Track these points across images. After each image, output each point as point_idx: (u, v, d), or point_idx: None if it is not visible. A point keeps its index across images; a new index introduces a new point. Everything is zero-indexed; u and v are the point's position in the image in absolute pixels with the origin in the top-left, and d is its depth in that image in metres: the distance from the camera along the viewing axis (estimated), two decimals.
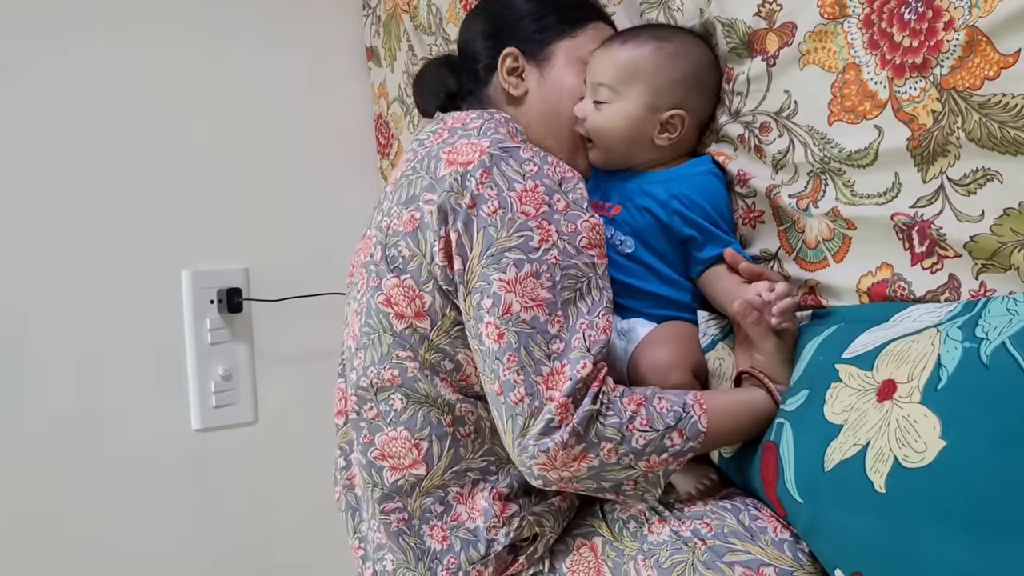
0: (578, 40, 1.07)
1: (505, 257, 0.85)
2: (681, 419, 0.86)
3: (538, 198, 0.87)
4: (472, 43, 1.12)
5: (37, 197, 1.50)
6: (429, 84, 1.13)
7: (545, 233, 0.86)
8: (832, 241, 0.93)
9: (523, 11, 1.09)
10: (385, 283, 0.92)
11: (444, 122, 1.01)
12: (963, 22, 0.77)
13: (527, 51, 1.07)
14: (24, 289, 1.48)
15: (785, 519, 0.86)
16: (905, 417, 0.71)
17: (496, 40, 1.08)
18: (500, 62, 1.07)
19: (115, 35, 1.59)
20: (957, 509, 0.65)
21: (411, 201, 0.92)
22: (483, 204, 0.86)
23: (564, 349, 0.84)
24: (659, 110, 1.01)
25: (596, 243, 0.91)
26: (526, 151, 0.91)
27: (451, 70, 1.12)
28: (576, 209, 0.90)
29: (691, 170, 1.03)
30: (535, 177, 0.88)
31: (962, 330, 0.72)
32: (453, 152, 0.91)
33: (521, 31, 1.08)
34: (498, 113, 1.02)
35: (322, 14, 1.88)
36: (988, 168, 0.78)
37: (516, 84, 1.07)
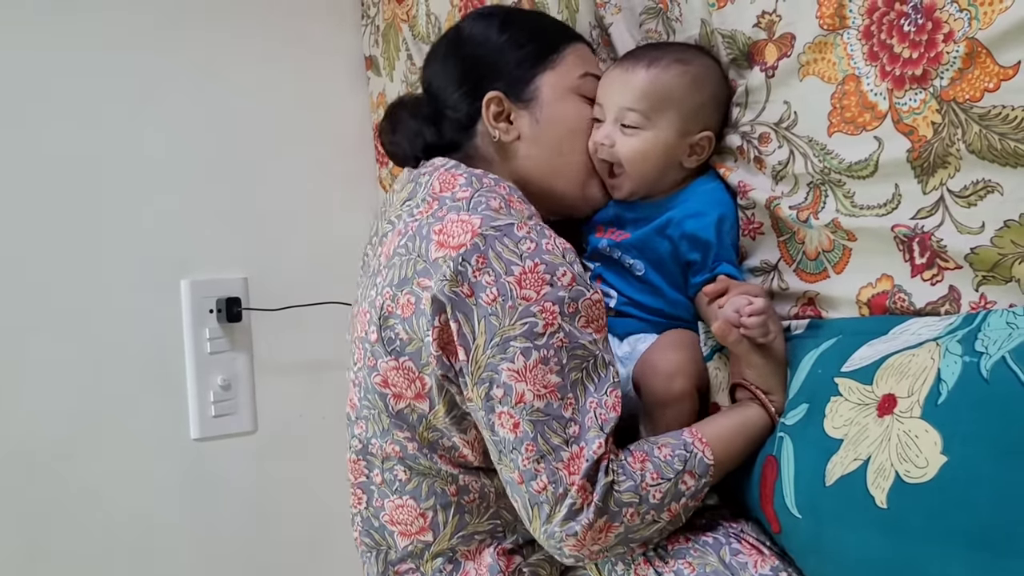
0: (561, 69, 1.02)
1: (511, 346, 0.82)
2: (687, 460, 0.87)
3: (538, 279, 0.84)
4: (445, 90, 1.04)
5: (36, 207, 1.50)
6: (404, 133, 1.05)
7: (549, 316, 0.83)
8: (832, 252, 0.93)
9: (496, 49, 1.02)
10: (381, 364, 0.90)
11: (432, 187, 0.94)
12: (963, 34, 0.77)
13: (510, 92, 1.01)
14: (23, 298, 1.47)
15: (777, 535, 0.86)
16: (906, 432, 0.71)
17: (473, 84, 1.02)
18: (484, 108, 1.00)
19: (116, 45, 1.59)
20: (960, 526, 0.65)
21: (405, 283, 0.88)
22: (481, 292, 0.83)
23: (579, 432, 0.83)
24: (689, 134, 1.01)
25: (598, 319, 0.88)
26: (520, 227, 0.86)
27: (427, 120, 1.04)
28: (580, 284, 0.86)
29: (701, 187, 1.03)
30: (533, 256, 0.84)
31: (962, 344, 0.72)
32: (444, 232, 0.86)
33: (499, 72, 1.01)
34: (487, 176, 0.95)
35: (321, 24, 1.88)
36: (988, 180, 0.77)
37: (506, 129, 1.01)
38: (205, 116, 1.68)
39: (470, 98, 1.01)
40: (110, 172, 1.56)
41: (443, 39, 1.09)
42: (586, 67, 1.05)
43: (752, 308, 0.90)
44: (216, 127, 1.69)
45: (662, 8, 1.10)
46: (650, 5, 1.11)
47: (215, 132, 1.69)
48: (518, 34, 1.03)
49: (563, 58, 1.02)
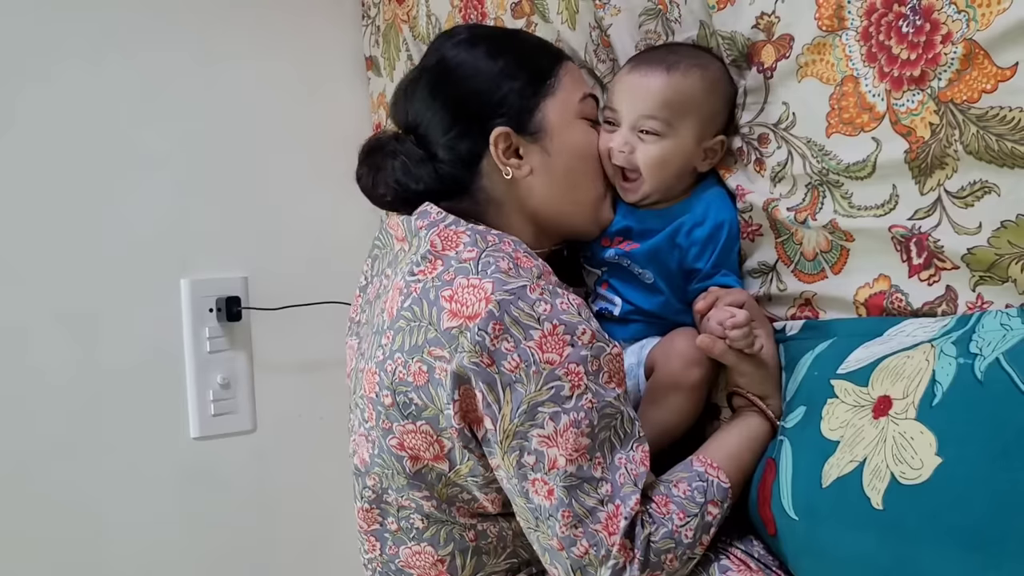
0: (561, 95, 0.97)
1: (540, 412, 0.80)
2: (706, 491, 0.87)
3: (559, 340, 0.81)
4: (437, 129, 0.95)
5: (36, 205, 1.50)
6: (390, 178, 0.96)
7: (575, 378, 0.81)
8: (830, 253, 0.93)
9: (492, 81, 0.95)
10: (397, 427, 0.87)
11: (432, 243, 0.89)
12: (961, 35, 0.77)
13: (516, 126, 0.94)
14: (23, 297, 1.48)
15: (772, 537, 0.86)
16: (901, 434, 0.71)
17: (471, 121, 0.94)
18: (493, 146, 0.94)
19: (114, 44, 1.59)
20: (955, 526, 0.65)
21: (416, 351, 0.84)
22: (503, 360, 0.80)
23: (612, 491, 0.82)
24: (705, 139, 1.00)
25: (619, 372, 0.87)
26: (533, 289, 0.82)
27: (420, 163, 0.95)
28: (600, 341, 0.84)
29: (705, 193, 1.03)
30: (550, 317, 0.81)
31: (956, 346, 0.72)
32: (455, 300, 0.82)
33: (500, 105, 0.95)
34: (490, 233, 0.89)
35: (321, 24, 1.88)
36: (986, 181, 0.78)
37: (518, 165, 0.95)
38: (206, 116, 1.68)
39: (470, 136, 0.94)
40: (110, 170, 1.57)
41: (423, 72, 0.99)
42: (582, 87, 1.01)
43: (733, 321, 0.90)
44: (217, 127, 1.69)
45: (661, 9, 1.10)
46: (649, 6, 1.11)
47: (216, 132, 1.69)
48: (511, 61, 0.96)
49: (560, 81, 0.98)
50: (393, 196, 0.97)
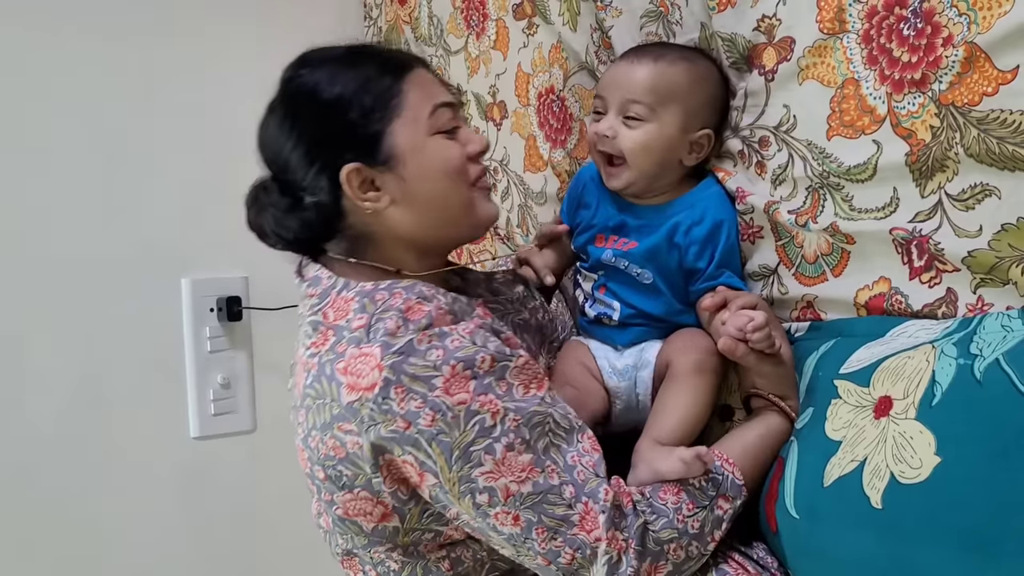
0: (408, 114, 0.90)
1: (473, 452, 0.80)
2: (720, 484, 0.86)
3: (462, 379, 0.80)
4: (296, 171, 0.91)
5: (36, 204, 1.50)
6: (269, 224, 0.94)
7: (492, 406, 0.81)
8: (831, 256, 0.93)
9: (333, 111, 0.89)
10: (337, 498, 0.87)
11: (325, 314, 0.88)
12: (962, 38, 0.77)
13: (365, 158, 0.89)
14: (24, 297, 1.48)
15: (774, 535, 0.87)
16: (901, 433, 0.72)
17: (322, 163, 0.89)
18: (346, 184, 0.89)
19: (114, 42, 1.59)
20: (953, 526, 0.65)
21: (327, 428, 0.84)
22: (417, 419, 0.79)
23: (576, 491, 0.81)
24: (690, 131, 1.01)
25: (534, 375, 0.86)
26: (420, 340, 0.81)
27: (288, 211, 0.92)
28: (502, 359, 0.83)
29: (704, 193, 1.04)
30: (446, 360, 0.80)
31: (957, 347, 0.73)
32: (350, 372, 0.82)
33: (345, 138, 0.89)
34: (379, 291, 0.87)
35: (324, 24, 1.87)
36: (986, 184, 0.78)
37: (376, 198, 0.90)
38: (206, 115, 1.69)
39: (325, 176, 0.89)
40: (110, 169, 1.57)
41: (272, 109, 0.94)
42: (432, 98, 0.93)
43: (754, 324, 0.89)
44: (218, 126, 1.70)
45: (662, 11, 1.10)
46: (650, 8, 1.12)
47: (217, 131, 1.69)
48: (350, 89, 0.90)
49: (405, 99, 0.90)
50: (277, 243, 0.96)
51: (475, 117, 1.58)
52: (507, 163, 1.50)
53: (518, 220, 1.50)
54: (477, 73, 1.55)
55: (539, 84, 1.38)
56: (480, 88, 1.55)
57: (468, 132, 0.97)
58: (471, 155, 0.95)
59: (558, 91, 1.34)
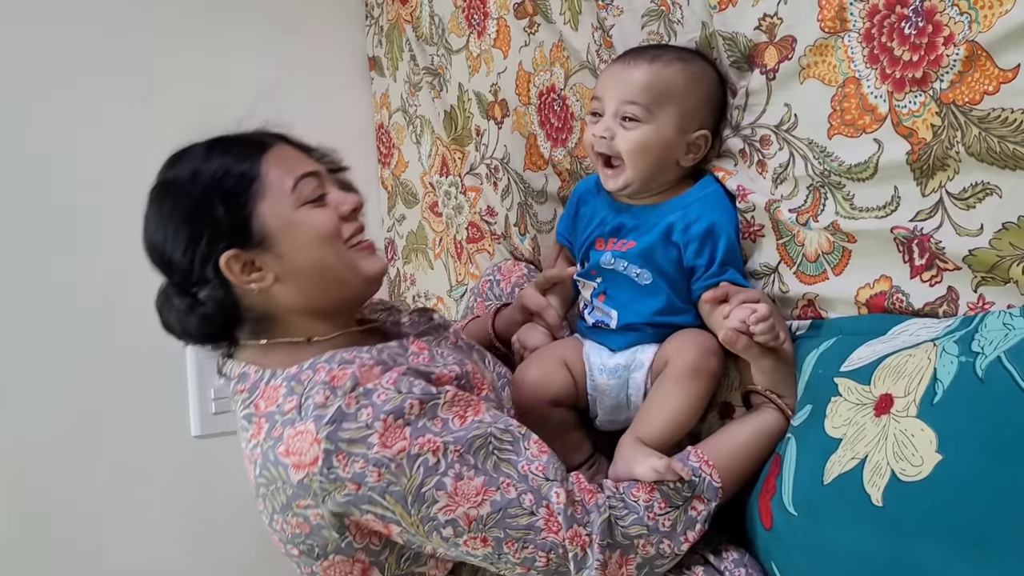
0: (270, 194, 0.92)
1: (426, 492, 0.82)
2: (696, 486, 0.89)
3: (396, 429, 0.82)
4: (180, 272, 0.93)
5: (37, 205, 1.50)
6: (180, 330, 0.97)
7: (431, 445, 0.83)
8: (832, 254, 0.93)
9: (201, 205, 0.91)
10: (317, 567, 0.89)
11: (257, 405, 0.90)
12: (963, 37, 0.77)
13: (239, 244, 0.91)
14: (24, 295, 1.48)
15: (768, 531, 0.87)
16: (902, 431, 0.72)
17: (202, 258, 0.90)
18: (228, 273, 0.90)
19: (116, 42, 1.59)
20: (954, 523, 0.65)
21: (286, 509, 0.86)
22: (365, 478, 0.81)
23: (535, 498, 0.84)
24: (687, 132, 1.01)
25: (466, 402, 0.88)
26: (349, 403, 0.83)
27: (188, 311, 0.94)
28: (429, 400, 0.85)
29: (702, 192, 1.04)
30: (377, 416, 0.82)
31: (958, 344, 0.73)
32: (292, 452, 0.84)
33: (216, 228, 0.90)
34: (303, 370, 0.88)
35: (325, 24, 1.88)
36: (987, 182, 0.78)
37: (261, 278, 0.92)
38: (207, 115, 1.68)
39: (208, 268, 0.91)
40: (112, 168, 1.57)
41: (147, 212, 0.96)
42: (293, 171, 0.94)
43: (757, 316, 0.90)
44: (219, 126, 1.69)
45: (664, 10, 1.10)
46: (652, 7, 1.12)
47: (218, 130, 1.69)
48: (211, 180, 0.92)
49: (266, 180, 0.92)
50: (191, 342, 0.99)
51: (476, 116, 1.58)
52: (508, 162, 1.50)
53: (516, 218, 1.50)
54: (478, 72, 1.55)
55: (540, 83, 1.38)
56: (481, 87, 1.55)
57: (337, 194, 0.98)
58: (343, 215, 0.96)
59: (559, 90, 1.34)
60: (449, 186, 1.72)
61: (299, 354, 0.92)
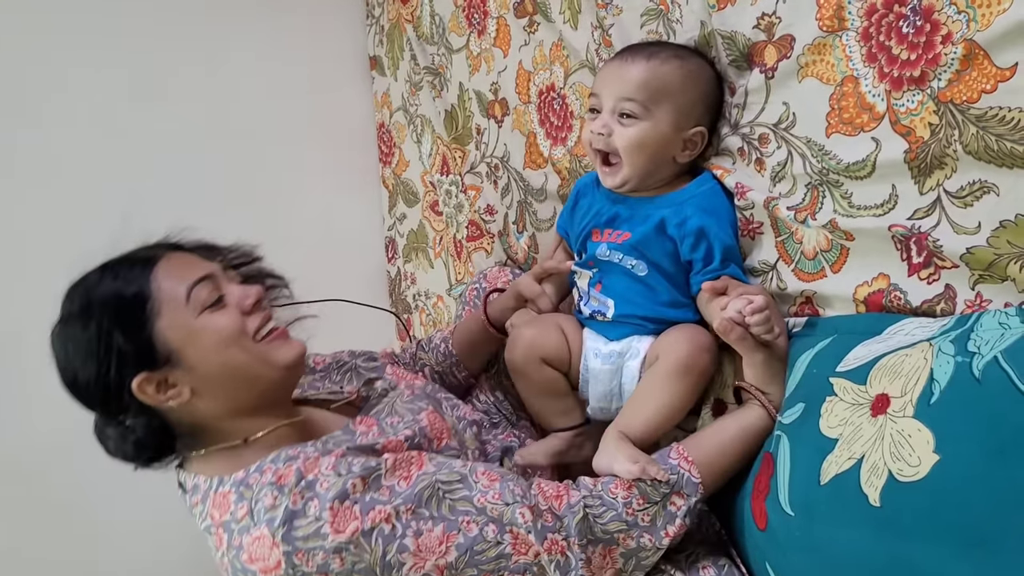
0: (165, 311, 0.90)
1: (390, 560, 0.83)
2: (674, 483, 0.90)
3: (344, 512, 0.84)
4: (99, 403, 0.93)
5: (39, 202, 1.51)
6: (121, 456, 0.97)
7: (381, 516, 0.84)
8: (830, 252, 0.93)
9: (98, 342, 0.89)
10: None
11: (212, 516, 0.90)
12: (961, 36, 0.77)
13: (147, 366, 0.89)
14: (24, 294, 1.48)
15: (762, 531, 0.87)
16: (899, 431, 0.72)
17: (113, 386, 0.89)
18: (142, 396, 0.89)
19: (119, 42, 1.60)
20: (952, 523, 0.65)
21: None
22: (330, 567, 0.82)
23: (497, 528, 0.86)
24: (683, 128, 1.02)
25: (407, 462, 0.89)
26: (295, 500, 0.84)
27: (121, 440, 0.94)
28: (370, 475, 0.86)
29: (698, 189, 1.04)
30: (323, 507, 0.83)
31: (954, 344, 0.72)
32: (255, 559, 0.84)
33: (120, 358, 0.89)
34: (249, 474, 0.88)
35: (326, 23, 1.89)
36: (985, 181, 0.78)
37: (177, 394, 0.91)
38: (209, 114, 1.69)
39: (124, 394, 0.90)
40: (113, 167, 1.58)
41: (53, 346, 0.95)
42: (184, 281, 0.93)
43: (753, 306, 0.91)
44: (220, 124, 1.70)
45: (663, 9, 1.10)
46: (651, 6, 1.12)
47: (219, 129, 1.70)
48: (105, 305, 0.90)
49: (157, 296, 0.91)
50: (137, 465, 0.98)
51: (476, 115, 1.58)
52: (508, 160, 1.51)
53: (515, 216, 1.50)
54: (479, 71, 1.55)
55: (540, 82, 1.39)
56: (481, 86, 1.55)
57: (237, 290, 0.96)
58: (246, 310, 0.95)
59: (559, 89, 1.34)
60: (450, 185, 1.72)
61: (241, 457, 0.91)
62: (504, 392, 1.32)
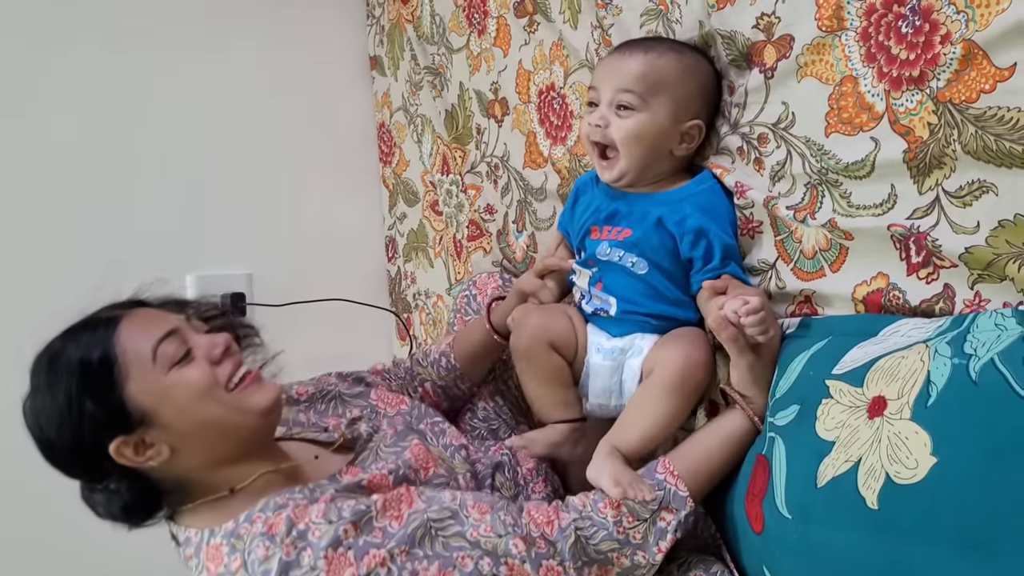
0: (133, 372, 0.88)
1: None
2: (662, 498, 0.90)
3: (339, 559, 0.83)
4: (80, 472, 0.93)
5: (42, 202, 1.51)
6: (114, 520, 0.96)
7: (377, 559, 0.83)
8: (829, 251, 0.93)
9: (69, 416, 0.88)
10: None
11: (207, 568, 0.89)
12: (960, 36, 0.77)
13: (122, 430, 0.88)
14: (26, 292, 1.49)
15: (758, 535, 0.87)
16: (896, 434, 0.72)
17: (90, 455, 0.89)
18: (121, 459, 0.88)
19: (119, 42, 1.60)
20: (950, 526, 0.65)
21: None
22: None
23: (492, 559, 0.85)
24: (681, 121, 1.02)
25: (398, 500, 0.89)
26: (288, 551, 0.83)
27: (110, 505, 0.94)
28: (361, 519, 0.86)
29: (697, 187, 1.04)
30: (317, 555, 0.82)
31: (951, 346, 0.72)
32: None
33: (94, 427, 0.88)
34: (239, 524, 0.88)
35: (326, 23, 1.89)
36: (983, 180, 0.78)
37: (157, 453, 0.90)
38: (210, 113, 1.69)
39: (103, 461, 0.89)
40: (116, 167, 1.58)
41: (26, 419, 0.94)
42: (149, 339, 0.91)
43: (749, 307, 0.90)
44: (221, 124, 1.70)
45: (662, 9, 1.10)
46: (650, 6, 1.12)
47: (221, 129, 1.70)
48: (71, 375, 0.89)
49: (123, 358, 0.89)
50: (130, 527, 0.97)
51: (477, 114, 1.59)
52: (507, 159, 1.51)
53: (515, 216, 1.50)
54: (479, 71, 1.55)
55: (540, 81, 1.39)
56: (481, 85, 1.55)
57: (204, 340, 0.95)
58: (215, 360, 0.94)
59: (559, 88, 1.34)
60: (450, 184, 1.72)
61: (229, 507, 0.91)
62: (503, 397, 1.32)
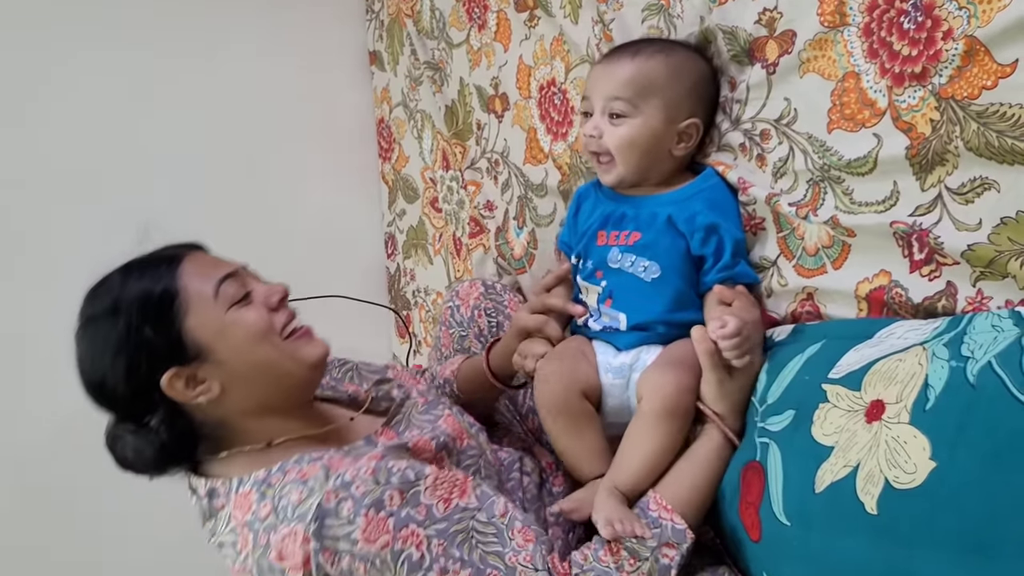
0: (194, 307, 0.91)
1: None
2: (659, 536, 0.88)
3: (378, 522, 0.82)
4: (125, 403, 0.92)
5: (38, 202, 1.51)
6: (141, 465, 0.95)
7: (414, 539, 0.83)
8: (832, 248, 0.93)
9: (128, 341, 0.89)
10: None
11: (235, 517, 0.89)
12: (962, 32, 0.77)
13: (177, 361, 0.90)
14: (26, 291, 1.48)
15: (756, 543, 0.86)
16: (895, 438, 0.71)
17: (142, 383, 0.90)
18: (171, 391, 0.90)
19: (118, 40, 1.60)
20: (950, 530, 0.65)
21: None
22: (354, 572, 0.81)
23: None
24: (675, 121, 1.02)
25: (447, 485, 0.88)
26: (328, 499, 0.83)
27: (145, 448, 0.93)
28: (409, 489, 0.85)
29: (704, 184, 1.04)
30: (357, 511, 0.82)
31: (948, 348, 0.72)
32: (284, 555, 0.83)
33: (152, 354, 0.89)
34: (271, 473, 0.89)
35: (325, 18, 1.88)
36: (986, 177, 0.78)
37: (207, 389, 0.91)
38: (208, 110, 1.69)
39: (153, 392, 0.90)
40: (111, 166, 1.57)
41: (78, 346, 0.95)
42: (211, 278, 0.94)
43: (722, 332, 0.89)
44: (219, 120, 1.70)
45: (663, 4, 1.10)
46: (651, 1, 1.12)
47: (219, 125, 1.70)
48: (133, 302, 0.90)
49: (185, 293, 0.91)
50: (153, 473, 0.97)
51: (477, 110, 1.58)
52: (508, 155, 1.50)
53: (516, 212, 1.50)
54: (479, 66, 1.55)
55: (540, 77, 1.38)
56: (482, 80, 1.55)
57: (262, 288, 0.98)
58: (272, 307, 0.96)
59: (559, 84, 1.34)
60: (451, 180, 1.72)
61: (263, 460, 0.92)
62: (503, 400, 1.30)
